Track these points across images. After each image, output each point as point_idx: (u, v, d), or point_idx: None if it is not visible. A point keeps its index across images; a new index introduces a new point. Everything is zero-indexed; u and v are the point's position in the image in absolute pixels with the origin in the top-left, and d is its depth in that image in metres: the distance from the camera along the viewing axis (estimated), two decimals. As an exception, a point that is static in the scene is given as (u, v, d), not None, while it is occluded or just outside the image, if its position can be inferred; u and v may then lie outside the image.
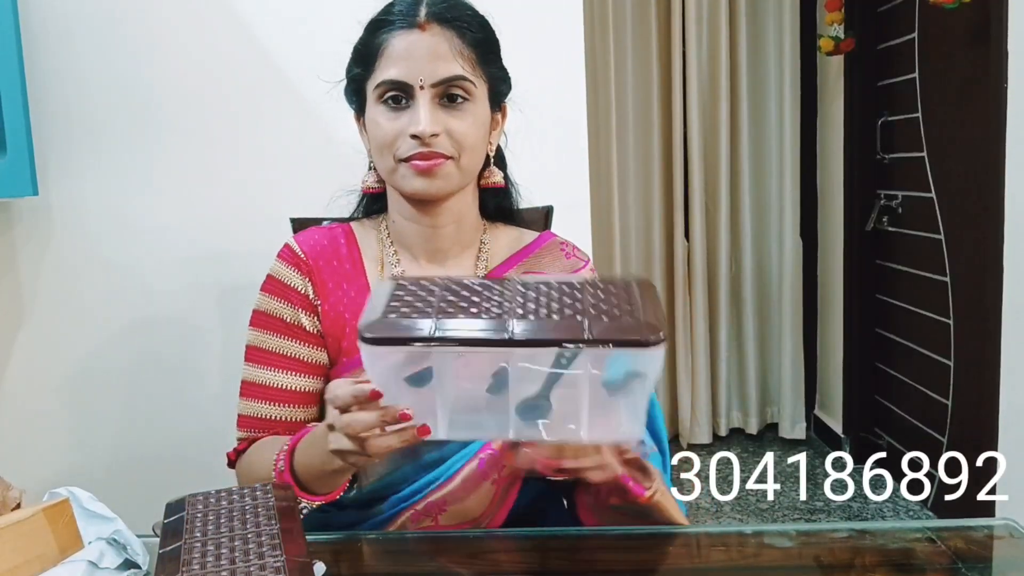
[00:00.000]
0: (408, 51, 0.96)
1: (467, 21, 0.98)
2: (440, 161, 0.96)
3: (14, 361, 1.57)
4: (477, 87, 0.98)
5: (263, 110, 1.56)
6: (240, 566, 0.69)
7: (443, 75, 0.95)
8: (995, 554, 0.85)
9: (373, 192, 1.08)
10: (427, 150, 0.95)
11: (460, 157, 0.98)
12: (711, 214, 3.40)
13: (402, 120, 0.96)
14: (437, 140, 0.96)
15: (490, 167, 1.07)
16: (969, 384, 2.41)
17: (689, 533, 0.91)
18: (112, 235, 1.56)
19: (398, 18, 0.97)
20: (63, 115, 1.52)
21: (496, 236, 1.11)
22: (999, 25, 2.10)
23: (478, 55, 0.99)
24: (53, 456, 1.59)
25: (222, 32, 1.53)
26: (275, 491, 0.83)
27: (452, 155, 0.97)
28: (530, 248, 1.11)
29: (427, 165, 0.96)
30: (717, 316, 3.45)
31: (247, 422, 1.05)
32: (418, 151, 0.96)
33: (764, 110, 3.36)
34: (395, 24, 0.97)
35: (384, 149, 0.98)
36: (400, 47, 0.96)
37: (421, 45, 0.95)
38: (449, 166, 0.97)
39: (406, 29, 0.96)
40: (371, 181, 1.07)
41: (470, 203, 1.07)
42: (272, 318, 1.04)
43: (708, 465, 3.26)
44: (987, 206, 2.20)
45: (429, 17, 0.96)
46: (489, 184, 1.07)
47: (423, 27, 0.96)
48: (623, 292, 0.73)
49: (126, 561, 0.79)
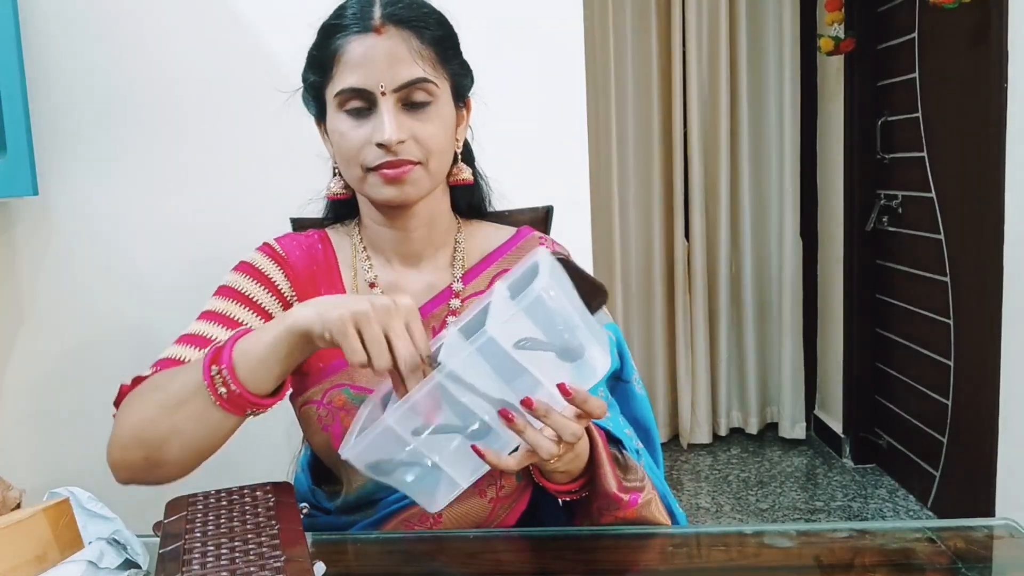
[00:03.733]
0: (365, 56, 0.92)
1: (423, 20, 0.95)
2: (408, 168, 0.94)
3: (14, 361, 1.57)
4: (440, 87, 0.96)
5: (263, 110, 1.55)
6: (240, 566, 0.69)
7: (404, 79, 0.92)
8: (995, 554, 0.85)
9: (339, 199, 1.06)
10: (394, 158, 0.93)
11: (428, 161, 0.95)
12: (711, 214, 3.40)
13: (366, 128, 0.94)
14: (404, 147, 0.93)
15: (458, 164, 1.04)
16: (969, 384, 2.41)
17: (689, 533, 0.91)
18: (112, 235, 1.56)
19: (352, 21, 0.94)
20: (63, 115, 1.52)
21: (471, 234, 1.09)
22: (999, 25, 2.10)
23: (438, 54, 0.96)
24: (53, 456, 1.59)
25: (222, 32, 1.53)
26: (275, 491, 0.83)
27: (420, 160, 0.95)
28: (507, 245, 1.08)
29: (396, 173, 0.93)
30: (717, 316, 3.45)
31: (165, 363, 0.93)
32: (385, 159, 0.93)
33: (764, 110, 3.36)
34: (349, 28, 0.93)
35: (350, 159, 0.95)
36: (357, 53, 0.93)
37: (378, 49, 0.92)
38: (418, 171, 0.95)
39: (361, 33, 0.93)
40: (337, 188, 1.04)
41: (441, 202, 1.04)
42: (236, 292, 1.00)
43: (708, 465, 3.27)
44: (987, 206, 2.20)
45: (384, 19, 0.93)
46: (458, 181, 1.04)
47: (379, 30, 0.92)
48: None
49: (126, 561, 0.79)
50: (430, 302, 1.03)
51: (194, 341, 0.95)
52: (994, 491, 2.23)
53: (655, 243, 3.42)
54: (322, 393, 1.00)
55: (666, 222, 3.43)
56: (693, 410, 3.44)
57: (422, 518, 0.97)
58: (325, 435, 0.99)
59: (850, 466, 3.17)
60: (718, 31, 3.25)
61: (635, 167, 3.37)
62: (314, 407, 1.00)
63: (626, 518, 0.89)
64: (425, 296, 1.03)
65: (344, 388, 0.99)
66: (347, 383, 0.99)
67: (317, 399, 1.00)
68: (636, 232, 3.41)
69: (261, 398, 0.83)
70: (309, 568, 0.69)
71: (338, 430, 0.98)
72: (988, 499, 2.24)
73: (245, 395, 0.81)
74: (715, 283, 3.44)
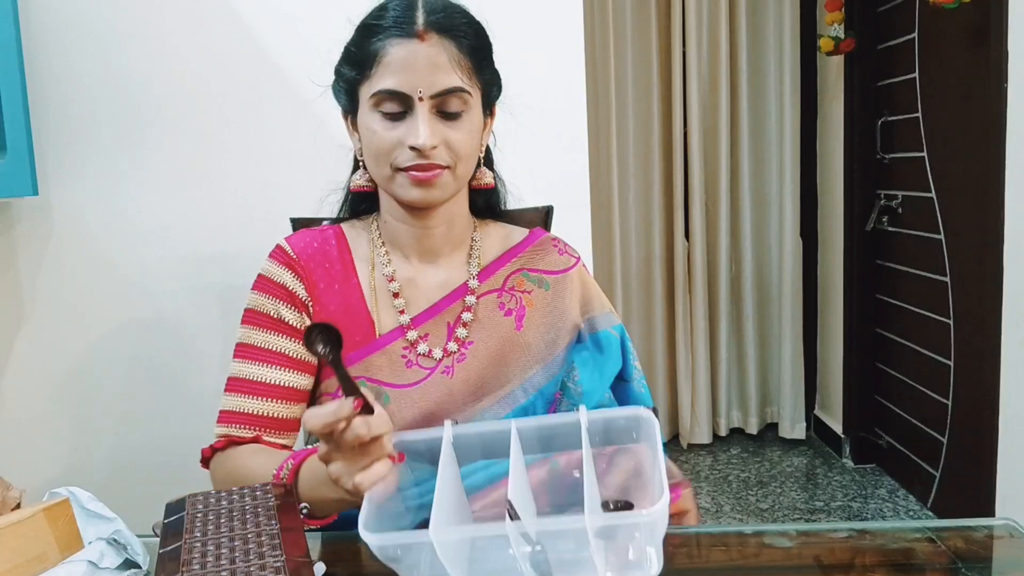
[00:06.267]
0: (407, 61, 0.94)
1: (464, 30, 0.98)
2: (438, 172, 0.97)
3: (14, 361, 1.57)
4: (473, 96, 0.98)
5: (263, 110, 1.56)
6: (240, 566, 0.69)
7: (442, 87, 0.95)
8: (995, 554, 0.85)
9: (363, 191, 1.07)
10: (425, 161, 0.95)
11: (456, 166, 0.98)
12: (711, 214, 3.40)
13: (399, 130, 0.96)
14: (435, 152, 0.95)
15: (481, 168, 1.07)
16: (969, 384, 2.41)
17: (689, 533, 0.91)
18: (112, 235, 1.56)
19: (394, 25, 0.96)
20: (63, 115, 1.52)
21: (487, 234, 1.12)
22: (999, 25, 2.10)
23: (474, 63, 0.98)
24: (53, 456, 1.59)
25: (222, 32, 1.53)
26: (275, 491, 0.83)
27: (449, 165, 0.97)
28: (522, 245, 1.12)
29: (425, 176, 0.96)
30: (717, 316, 3.45)
31: (229, 417, 1.01)
32: (416, 162, 0.95)
33: (764, 110, 3.36)
34: (392, 31, 0.95)
35: (381, 157, 0.98)
36: (399, 56, 0.94)
37: (420, 55, 0.94)
38: (446, 176, 0.98)
39: (404, 38, 0.95)
40: (362, 181, 1.06)
41: (461, 203, 1.07)
42: (260, 314, 1.03)
43: (708, 465, 3.27)
44: (987, 206, 2.20)
45: (427, 26, 0.95)
46: (481, 185, 1.07)
47: (422, 36, 0.94)
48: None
49: (126, 561, 0.79)
50: (445, 298, 1.05)
51: (238, 388, 1.01)
52: (994, 491, 2.23)
53: (655, 243, 3.42)
54: (337, 386, 1.00)
55: (666, 222, 3.43)
56: (693, 410, 3.44)
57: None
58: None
59: (850, 466, 3.17)
60: (718, 31, 3.25)
61: (635, 167, 3.37)
62: (330, 399, 1.01)
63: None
64: (440, 292, 1.05)
65: (360, 381, 1.00)
66: (364, 376, 1.01)
67: (333, 391, 1.03)
68: (636, 232, 3.41)
69: (324, 521, 0.89)
70: (309, 568, 0.69)
71: None
72: (988, 499, 2.24)
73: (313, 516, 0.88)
74: (715, 283, 3.44)
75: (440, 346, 1.03)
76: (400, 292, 1.04)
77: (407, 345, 1.02)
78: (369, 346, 1.02)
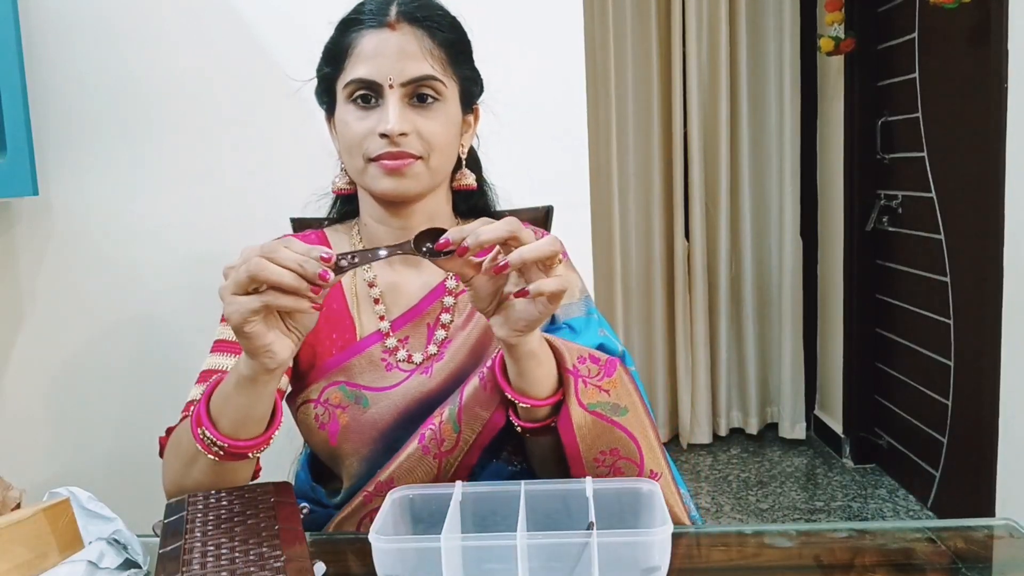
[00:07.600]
0: (377, 50, 0.94)
1: (437, 21, 0.98)
2: (409, 161, 0.95)
3: (14, 361, 1.57)
4: (447, 87, 0.98)
5: (263, 110, 1.56)
6: (240, 566, 0.69)
7: (412, 74, 0.94)
8: (995, 554, 0.85)
9: (344, 194, 1.07)
10: (396, 149, 0.94)
11: (429, 157, 0.97)
12: (711, 214, 3.41)
13: (371, 119, 0.95)
14: (406, 140, 0.95)
15: (462, 169, 1.06)
16: (969, 384, 2.41)
17: (689, 533, 0.91)
18: (112, 235, 1.56)
19: (368, 17, 0.96)
20: (63, 115, 1.52)
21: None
22: (999, 25, 2.10)
23: (448, 55, 0.98)
24: (53, 456, 1.59)
25: (222, 32, 1.53)
26: (274, 490, 0.83)
27: (421, 155, 0.96)
28: None
29: (396, 164, 0.95)
30: (717, 316, 3.45)
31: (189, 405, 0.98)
32: (387, 150, 0.95)
33: (764, 110, 3.36)
34: (365, 23, 0.96)
35: (353, 148, 0.97)
36: (369, 46, 0.95)
37: (390, 44, 0.94)
38: (418, 166, 0.96)
39: (376, 28, 0.95)
40: (342, 183, 1.06)
41: (443, 205, 1.06)
42: None
43: (708, 465, 3.27)
44: (987, 206, 2.20)
45: (399, 16, 0.95)
46: (462, 186, 1.06)
47: (393, 26, 0.95)
48: None
49: (126, 561, 0.78)
50: (424, 299, 1.04)
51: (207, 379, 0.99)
52: (994, 491, 2.23)
53: (655, 243, 3.42)
54: (319, 391, 1.00)
55: (666, 222, 3.43)
56: (693, 410, 3.44)
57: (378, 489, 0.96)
58: (323, 433, 0.99)
59: (850, 466, 3.17)
60: (718, 31, 3.25)
61: (635, 167, 3.37)
62: (311, 405, 1.00)
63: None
64: (420, 294, 1.04)
65: (341, 385, 0.99)
66: (343, 380, 1.00)
67: (314, 397, 1.01)
68: (636, 232, 3.41)
69: (254, 440, 0.84)
70: (309, 568, 0.69)
71: (335, 427, 0.99)
72: (988, 499, 2.24)
73: (237, 445, 0.83)
74: (715, 283, 3.44)
75: (420, 350, 1.02)
76: (381, 298, 1.03)
77: (386, 349, 1.01)
78: (349, 349, 1.01)
